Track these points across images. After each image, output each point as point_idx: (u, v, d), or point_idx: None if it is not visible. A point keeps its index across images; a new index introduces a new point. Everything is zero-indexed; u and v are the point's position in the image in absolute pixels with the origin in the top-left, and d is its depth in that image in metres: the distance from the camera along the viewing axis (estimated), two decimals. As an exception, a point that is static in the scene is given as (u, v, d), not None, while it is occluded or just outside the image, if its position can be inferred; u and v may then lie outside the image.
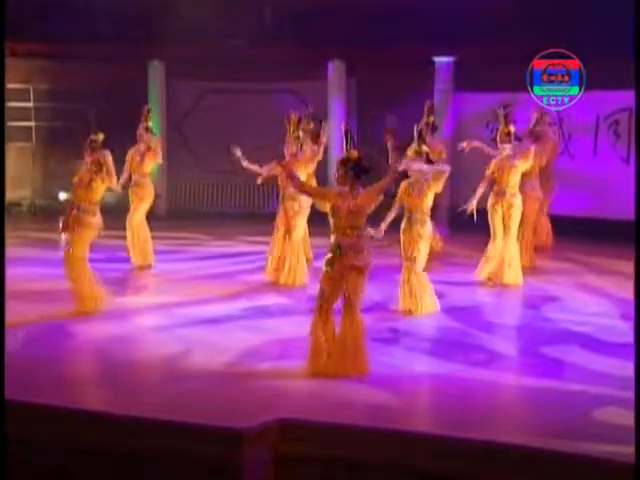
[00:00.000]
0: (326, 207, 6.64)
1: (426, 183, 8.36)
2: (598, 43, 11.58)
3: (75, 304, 8.32)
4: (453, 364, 7.04)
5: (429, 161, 8.47)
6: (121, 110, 11.64)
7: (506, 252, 9.85)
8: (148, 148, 10.80)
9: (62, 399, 5.97)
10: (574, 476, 5.08)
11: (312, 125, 10.74)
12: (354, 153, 6.60)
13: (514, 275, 9.89)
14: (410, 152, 8.68)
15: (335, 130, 14.31)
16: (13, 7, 14.68)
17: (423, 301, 8.48)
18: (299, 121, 9.94)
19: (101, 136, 8.45)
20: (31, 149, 16.36)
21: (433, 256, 9.32)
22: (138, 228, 10.71)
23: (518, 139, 9.95)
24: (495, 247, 9.86)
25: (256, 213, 15.12)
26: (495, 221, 9.84)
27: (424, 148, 8.50)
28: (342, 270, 6.52)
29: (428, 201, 8.45)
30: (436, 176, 8.39)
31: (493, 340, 7.82)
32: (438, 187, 8.48)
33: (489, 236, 9.97)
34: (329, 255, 6.62)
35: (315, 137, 10.45)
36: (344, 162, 6.58)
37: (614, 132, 13.28)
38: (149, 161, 10.83)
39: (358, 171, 6.53)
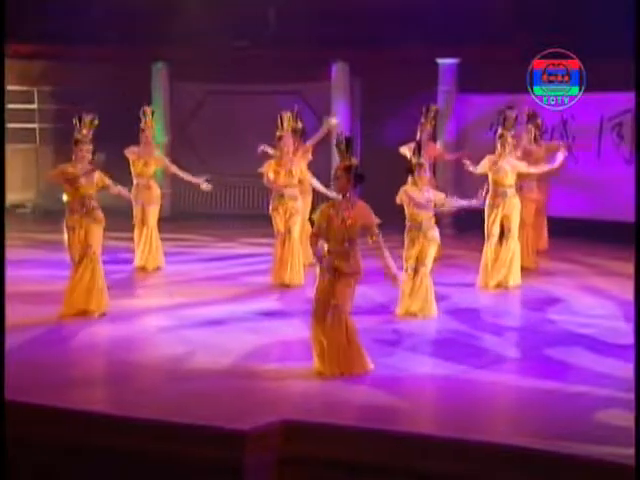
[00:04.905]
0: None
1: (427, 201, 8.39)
2: (602, 44, 11.57)
3: (80, 305, 8.32)
4: (456, 366, 7.03)
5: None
6: (124, 112, 11.65)
7: (507, 252, 9.84)
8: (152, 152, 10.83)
9: (66, 400, 5.97)
10: (578, 478, 5.07)
11: (300, 125, 10.80)
12: (354, 160, 6.62)
13: (514, 276, 9.88)
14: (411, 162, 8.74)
15: (339, 131, 14.34)
16: (17, 9, 14.77)
17: (432, 304, 8.50)
18: (290, 118, 10.01)
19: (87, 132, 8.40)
20: (35, 151, 16.38)
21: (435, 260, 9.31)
22: (153, 230, 10.72)
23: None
24: (490, 249, 9.84)
25: (260, 215, 15.11)
26: (491, 222, 9.82)
27: (422, 160, 8.48)
28: (330, 275, 6.55)
29: (429, 213, 8.48)
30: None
31: (496, 342, 7.80)
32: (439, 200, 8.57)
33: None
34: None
35: (300, 137, 10.60)
36: (346, 169, 6.59)
37: (617, 134, 13.26)
38: (154, 164, 10.84)
39: (356, 179, 6.56)
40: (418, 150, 8.50)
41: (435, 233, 8.47)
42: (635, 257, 5.76)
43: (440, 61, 14.51)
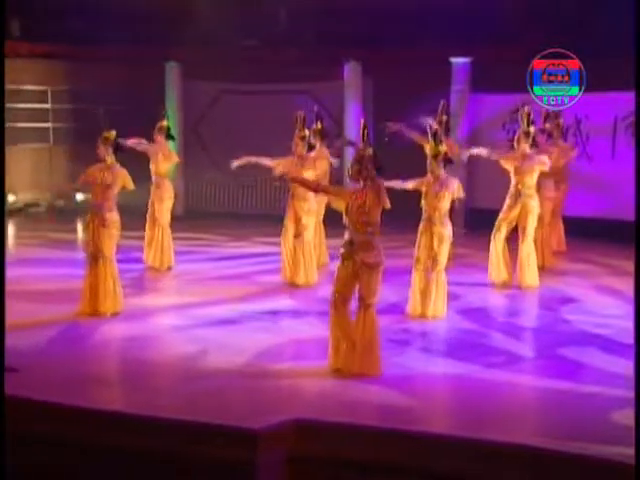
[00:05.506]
0: (342, 206, 6.66)
1: (446, 189, 8.32)
2: (616, 43, 11.51)
3: (94, 304, 8.35)
4: (469, 365, 7.02)
5: (447, 160, 8.43)
6: (138, 111, 11.69)
7: (523, 253, 9.84)
8: (161, 149, 10.87)
9: (80, 398, 5.99)
10: (591, 478, 5.05)
11: (321, 126, 10.78)
12: (369, 150, 6.64)
13: (531, 277, 9.87)
14: (428, 152, 8.69)
15: (351, 130, 14.34)
16: (32, 9, 14.85)
17: (444, 303, 8.48)
18: (304, 120, 9.98)
19: (113, 133, 8.46)
20: (49, 150, 16.45)
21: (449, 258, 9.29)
22: (164, 229, 10.75)
23: (535, 143, 9.93)
24: (496, 247, 9.82)
25: (272, 214, 15.14)
26: (503, 219, 9.80)
27: (442, 148, 8.46)
28: (354, 266, 6.55)
29: (446, 203, 8.42)
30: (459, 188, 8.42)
31: (510, 342, 7.79)
32: (460, 193, 8.48)
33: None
34: (341, 250, 6.67)
35: (323, 138, 10.58)
36: (359, 159, 6.62)
37: (632, 133, 13.20)
38: (164, 162, 10.88)
39: (372, 168, 6.57)
40: (435, 138, 8.43)
41: (445, 230, 8.40)
42: (635, 257, 5.74)
43: (453, 60, 14.47)
